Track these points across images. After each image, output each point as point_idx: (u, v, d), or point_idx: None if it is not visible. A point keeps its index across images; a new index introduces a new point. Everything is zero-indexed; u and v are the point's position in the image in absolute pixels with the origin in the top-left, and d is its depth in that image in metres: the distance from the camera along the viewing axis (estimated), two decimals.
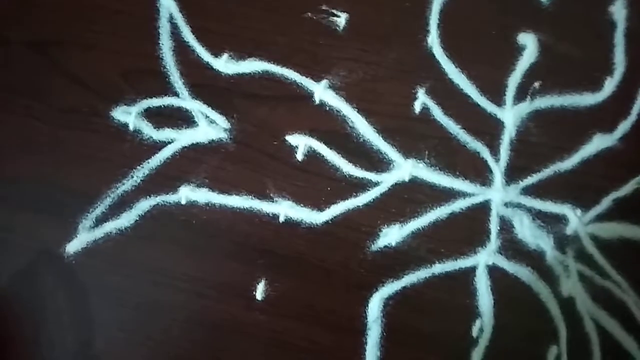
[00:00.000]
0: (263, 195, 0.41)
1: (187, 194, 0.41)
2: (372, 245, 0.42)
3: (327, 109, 0.42)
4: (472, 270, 0.42)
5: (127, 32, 0.42)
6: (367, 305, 0.41)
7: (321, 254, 0.41)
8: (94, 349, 0.40)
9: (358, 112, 0.42)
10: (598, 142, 0.43)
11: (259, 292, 0.41)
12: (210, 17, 0.42)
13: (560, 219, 0.43)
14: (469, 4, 0.43)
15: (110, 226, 0.40)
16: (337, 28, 0.43)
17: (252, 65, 0.42)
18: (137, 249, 0.41)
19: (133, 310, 0.41)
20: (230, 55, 0.42)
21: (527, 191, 0.43)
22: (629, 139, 0.43)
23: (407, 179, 0.42)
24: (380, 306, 0.41)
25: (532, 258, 0.42)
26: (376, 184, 0.42)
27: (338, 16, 0.43)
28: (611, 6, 0.44)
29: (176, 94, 0.41)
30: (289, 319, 0.41)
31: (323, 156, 0.42)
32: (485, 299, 0.41)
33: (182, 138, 0.41)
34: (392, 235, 0.42)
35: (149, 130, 0.41)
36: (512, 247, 0.42)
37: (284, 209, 0.41)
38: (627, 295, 0.42)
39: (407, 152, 0.43)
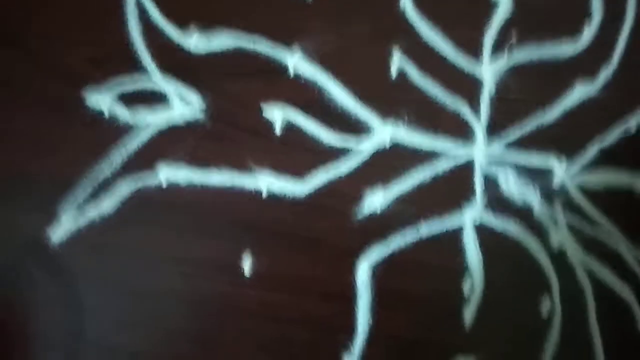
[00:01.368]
0: (244, 171, 0.41)
1: (167, 175, 0.40)
2: (358, 213, 0.41)
3: (303, 79, 0.41)
4: (459, 230, 0.41)
5: (95, 17, 0.40)
6: (356, 272, 0.40)
7: (307, 225, 0.41)
8: (86, 337, 0.40)
9: (334, 80, 0.41)
10: (580, 92, 0.42)
11: (247, 267, 0.40)
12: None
13: (546, 172, 0.42)
14: None
15: (93, 213, 0.40)
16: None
17: (224, 42, 0.41)
18: (122, 233, 0.40)
19: (123, 295, 0.40)
20: (200, 34, 0.41)
21: (511, 147, 0.42)
22: (610, 87, 0.42)
23: (388, 144, 0.42)
24: (370, 272, 0.40)
25: (520, 213, 0.41)
26: (358, 151, 0.41)
27: None
28: None
29: (149, 77, 0.41)
30: (279, 292, 0.41)
31: (302, 128, 0.41)
32: (474, 258, 0.41)
33: (158, 120, 0.40)
34: (376, 201, 0.41)
35: (124, 115, 0.40)
36: (499, 203, 0.41)
37: (266, 183, 0.40)
38: (618, 243, 0.41)
39: (387, 117, 0.42)
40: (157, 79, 0.40)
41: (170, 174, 0.40)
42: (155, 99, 0.41)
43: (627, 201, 0.41)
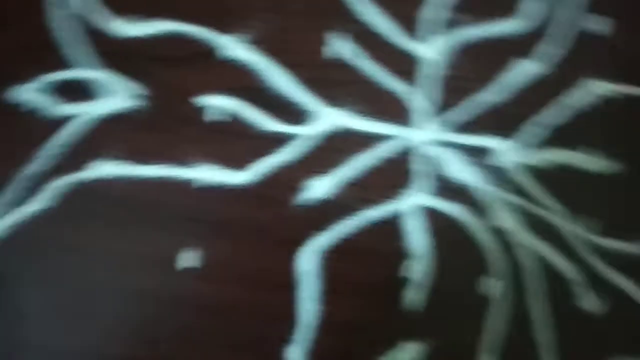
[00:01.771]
0: (182, 161, 0.40)
1: (102, 168, 0.39)
2: (299, 200, 0.41)
3: (240, 64, 0.40)
4: (402, 213, 0.41)
5: (17, 5, 0.39)
6: (301, 261, 0.40)
7: (249, 215, 0.40)
8: (30, 343, 0.39)
9: (272, 64, 0.41)
10: (521, 69, 0.42)
11: (189, 260, 0.40)
12: None
13: (487, 152, 0.42)
14: None
15: (25, 210, 0.38)
16: None
17: (157, 26, 0.39)
18: (58, 230, 0.39)
19: (64, 292, 0.39)
20: (131, 17, 0.39)
21: (452, 127, 0.42)
22: (552, 62, 0.42)
23: (328, 128, 0.41)
24: (315, 260, 0.40)
25: (462, 194, 0.41)
26: (297, 136, 0.41)
27: None
28: None
29: (78, 65, 0.39)
30: (223, 284, 0.40)
31: (240, 114, 0.40)
32: (419, 241, 0.41)
33: (89, 111, 0.39)
34: (320, 188, 0.40)
35: (53, 106, 0.39)
36: (441, 185, 0.41)
37: (205, 173, 0.40)
38: (559, 219, 0.41)
39: (326, 100, 0.41)
40: (86, 67, 0.39)
41: (105, 166, 0.39)
42: (85, 88, 0.39)
43: (568, 177, 0.41)
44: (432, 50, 0.41)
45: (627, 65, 0.42)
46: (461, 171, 0.41)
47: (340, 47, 0.41)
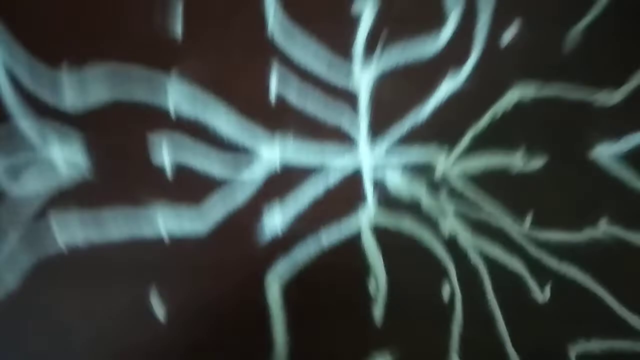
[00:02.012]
0: (143, 219, 0.42)
1: (64, 239, 0.40)
2: (260, 237, 0.43)
3: (185, 116, 0.42)
4: (357, 236, 0.44)
5: None
6: (267, 293, 0.42)
7: (212, 260, 0.42)
8: None
9: (214, 112, 0.42)
10: (447, 86, 0.45)
11: (159, 311, 0.41)
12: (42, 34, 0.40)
13: (428, 166, 0.45)
14: None
15: None
16: (176, 32, 0.42)
17: (99, 96, 0.41)
18: (31, 307, 0.40)
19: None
20: (73, 88, 0.41)
21: (392, 148, 0.45)
22: (473, 78, 0.45)
23: (277, 166, 0.43)
24: (280, 290, 0.42)
25: (410, 208, 0.44)
26: (249, 177, 0.43)
27: (173, 17, 0.42)
28: None
29: (27, 144, 0.40)
30: (197, 327, 0.42)
31: (191, 165, 0.42)
32: (375, 258, 0.43)
33: (45, 186, 0.40)
34: (276, 223, 0.43)
35: (9, 187, 0.40)
36: (389, 203, 0.44)
37: (166, 227, 0.41)
38: (502, 220, 0.45)
39: (272, 138, 0.43)
40: (37, 146, 0.40)
41: (68, 237, 0.40)
42: (38, 165, 0.40)
43: (505, 180, 0.45)
44: (365, 79, 0.44)
45: (540, 69, 0.45)
46: (406, 187, 0.44)
47: (280, 89, 0.43)
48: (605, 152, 0.44)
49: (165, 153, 0.42)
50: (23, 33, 0.40)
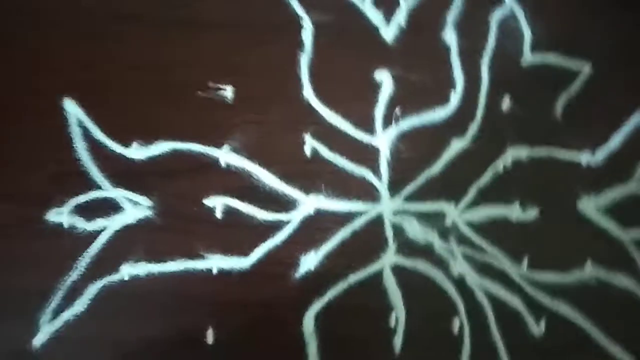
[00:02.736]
0: (195, 255, 0.48)
1: (128, 270, 0.46)
2: (296, 274, 0.49)
3: (234, 169, 0.49)
4: (379, 273, 0.50)
5: (44, 143, 0.46)
6: (303, 325, 0.48)
7: (255, 292, 0.47)
8: None
9: (259, 166, 0.49)
10: (456, 147, 0.53)
11: (209, 338, 0.47)
12: (115, 113, 0.47)
13: (440, 215, 0.52)
14: (329, 57, 0.50)
15: (67, 314, 0.45)
16: (227, 99, 0.50)
17: (161, 147, 0.48)
18: (95, 328, 0.45)
19: None
20: (139, 143, 0.48)
21: (409, 198, 0.52)
22: (478, 138, 0.53)
23: (312, 212, 0.50)
24: (313, 322, 0.49)
25: (424, 251, 0.50)
26: (287, 222, 0.49)
27: (225, 89, 0.50)
28: (443, 34, 0.54)
29: (99, 187, 0.47)
30: (240, 354, 0.48)
31: (239, 210, 0.49)
32: (394, 295, 0.50)
33: (112, 224, 0.46)
34: (310, 262, 0.49)
35: (82, 224, 0.46)
36: (407, 246, 0.50)
37: (215, 262, 0.48)
38: (503, 263, 0.52)
39: (307, 189, 0.50)
40: (106, 188, 0.47)
41: (130, 269, 0.46)
42: (107, 205, 0.47)
43: (506, 228, 0.52)
44: (386, 139, 0.52)
45: (528, 133, 0.53)
46: (421, 233, 0.51)
47: (314, 146, 0.50)
48: (591, 205, 0.52)
49: (217, 198, 0.48)
50: (102, 119, 0.47)
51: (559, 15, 0.54)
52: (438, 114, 0.52)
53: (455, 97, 0.53)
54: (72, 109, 0.46)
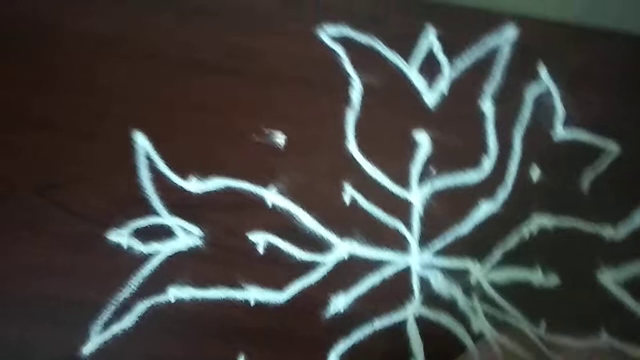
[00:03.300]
0: (236, 286, 0.52)
1: (174, 293, 0.51)
2: (326, 313, 0.53)
3: (278, 209, 0.53)
4: (404, 321, 0.53)
5: (112, 169, 0.52)
6: None
7: (287, 326, 0.51)
8: None
9: (302, 208, 0.53)
10: (485, 209, 0.56)
11: None
12: (178, 149, 0.52)
13: (465, 272, 0.55)
14: (374, 116, 0.55)
15: (116, 328, 0.49)
16: (279, 146, 0.55)
17: (216, 183, 0.53)
18: (139, 343, 0.49)
19: None
20: (197, 177, 0.53)
21: (437, 253, 0.55)
22: (507, 203, 0.57)
23: (345, 256, 0.54)
24: None
25: (448, 305, 0.53)
26: (322, 263, 0.53)
27: (278, 137, 0.55)
28: (481, 103, 0.59)
29: (157, 214, 0.52)
30: None
31: (279, 247, 0.52)
32: (416, 343, 0.53)
33: (165, 249, 0.51)
34: (339, 303, 0.53)
35: (138, 246, 0.51)
36: (432, 299, 0.53)
37: (253, 294, 0.52)
38: (522, 324, 0.55)
39: (343, 235, 0.54)
40: (164, 215, 0.52)
41: (177, 292, 0.51)
42: (163, 231, 0.51)
43: (527, 291, 0.55)
44: (420, 195, 0.56)
45: (555, 203, 0.57)
46: (446, 287, 0.54)
47: (353, 195, 0.55)
48: (610, 277, 0.55)
49: (260, 234, 0.53)
50: (166, 153, 0.52)
51: (593, 97, 0.59)
52: (470, 177, 0.56)
53: (487, 163, 0.57)
54: (141, 140, 0.51)
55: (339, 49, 0.56)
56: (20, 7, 0.52)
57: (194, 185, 0.51)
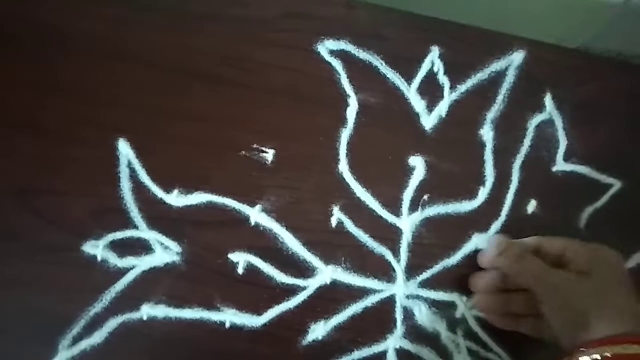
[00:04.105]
0: (211, 306, 0.50)
1: (147, 310, 0.49)
2: (303, 340, 0.52)
3: (262, 228, 0.52)
4: (384, 353, 0.52)
5: (93, 177, 0.50)
6: None
7: (261, 352, 0.50)
8: None
9: (286, 229, 0.53)
10: (476, 241, 0.56)
11: None
12: (162, 160, 0.51)
13: (450, 305, 0.54)
14: (369, 136, 0.54)
15: (85, 344, 0.48)
16: (267, 162, 0.54)
17: (198, 197, 0.52)
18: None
19: None
20: (180, 191, 0.52)
21: (423, 284, 0.54)
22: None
23: (328, 282, 0.53)
24: None
25: (430, 339, 0.53)
26: (304, 288, 0.52)
27: (267, 152, 0.54)
28: (480, 129, 0.57)
29: (135, 227, 0.50)
30: None
31: (259, 268, 0.52)
32: None
33: (142, 263, 0.50)
34: (318, 331, 0.52)
35: (114, 259, 0.49)
36: (414, 331, 0.53)
37: (229, 316, 0.50)
38: None
39: (327, 259, 0.53)
40: (142, 229, 0.50)
41: (150, 309, 0.49)
42: (140, 245, 0.50)
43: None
44: (410, 223, 0.55)
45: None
46: (430, 320, 0.53)
47: (340, 218, 0.53)
48: None
49: (241, 254, 0.52)
50: (149, 163, 0.51)
51: (598, 132, 0.58)
52: (464, 207, 0.55)
53: (483, 193, 0.56)
54: (125, 149, 0.50)
55: (337, 64, 0.55)
56: (17, 8, 0.51)
57: (176, 198, 0.50)
